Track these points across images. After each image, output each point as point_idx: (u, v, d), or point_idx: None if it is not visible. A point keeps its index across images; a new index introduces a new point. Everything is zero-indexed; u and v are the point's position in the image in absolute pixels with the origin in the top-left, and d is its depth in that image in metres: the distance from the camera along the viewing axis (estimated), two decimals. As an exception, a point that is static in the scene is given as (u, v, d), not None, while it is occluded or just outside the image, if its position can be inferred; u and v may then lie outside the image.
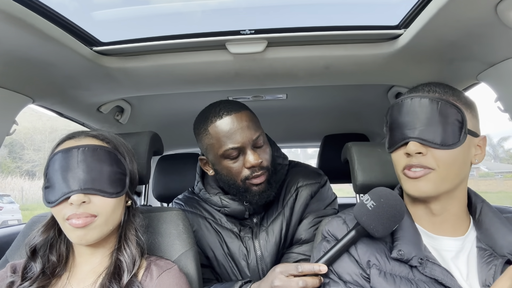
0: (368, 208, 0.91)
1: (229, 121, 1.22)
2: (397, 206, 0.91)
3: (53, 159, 0.94)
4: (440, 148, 0.88)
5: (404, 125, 0.93)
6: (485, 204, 0.99)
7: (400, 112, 0.94)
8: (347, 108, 2.17)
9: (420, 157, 0.89)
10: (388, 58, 1.31)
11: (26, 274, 0.96)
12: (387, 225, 0.90)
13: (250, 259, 1.34)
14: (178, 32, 1.25)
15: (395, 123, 0.95)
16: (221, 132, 1.22)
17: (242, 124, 1.22)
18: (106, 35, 1.25)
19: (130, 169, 1.02)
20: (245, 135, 1.21)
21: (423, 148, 0.89)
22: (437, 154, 0.89)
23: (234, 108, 1.25)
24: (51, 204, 0.91)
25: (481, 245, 0.92)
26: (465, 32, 1.07)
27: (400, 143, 0.93)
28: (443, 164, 0.88)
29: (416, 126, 0.90)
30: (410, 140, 0.90)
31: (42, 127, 28.30)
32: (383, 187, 0.95)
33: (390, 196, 0.92)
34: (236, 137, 1.21)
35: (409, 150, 0.89)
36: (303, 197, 1.39)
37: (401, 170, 0.93)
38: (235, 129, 1.21)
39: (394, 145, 0.95)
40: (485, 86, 1.31)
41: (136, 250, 0.99)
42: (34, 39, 1.03)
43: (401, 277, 0.89)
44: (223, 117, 1.22)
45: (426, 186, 0.89)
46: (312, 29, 1.22)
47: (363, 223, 0.91)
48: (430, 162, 0.89)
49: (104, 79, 1.42)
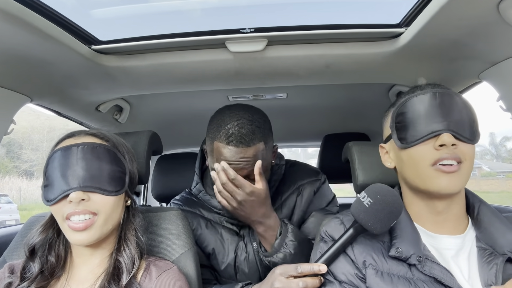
0: (365, 205, 0.91)
1: (233, 152, 1.19)
2: (395, 202, 0.91)
3: (52, 157, 0.94)
4: (468, 142, 0.89)
5: (431, 117, 0.91)
6: (482, 203, 0.99)
7: (425, 105, 0.92)
8: (348, 107, 2.17)
9: (454, 149, 0.88)
10: (389, 57, 1.32)
11: (24, 274, 0.96)
12: (385, 221, 0.90)
13: (248, 253, 1.35)
14: (177, 31, 1.25)
15: (418, 116, 0.92)
16: (221, 154, 1.20)
17: (243, 160, 1.19)
18: (105, 33, 1.25)
19: (130, 168, 1.02)
20: (241, 171, 1.20)
21: (456, 140, 0.88)
22: (464, 148, 0.89)
23: (245, 140, 1.18)
24: (50, 202, 0.91)
25: (481, 245, 0.93)
26: (467, 30, 1.07)
27: (429, 135, 0.90)
28: (469, 159, 0.89)
29: (446, 119, 0.90)
30: (443, 132, 0.88)
31: (40, 127, 28.33)
32: (380, 184, 0.95)
33: (387, 192, 0.92)
34: (232, 166, 1.19)
35: (445, 141, 0.87)
36: (306, 194, 1.42)
37: (429, 164, 0.89)
38: (234, 162, 1.19)
39: (417, 138, 0.91)
40: (487, 85, 1.31)
41: (135, 250, 0.99)
42: (32, 38, 1.03)
43: (399, 276, 0.89)
44: (229, 145, 1.18)
45: (459, 182, 0.88)
46: (313, 27, 1.22)
47: (361, 221, 0.92)
48: (462, 155, 0.88)
49: (103, 78, 1.42)
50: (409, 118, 0.94)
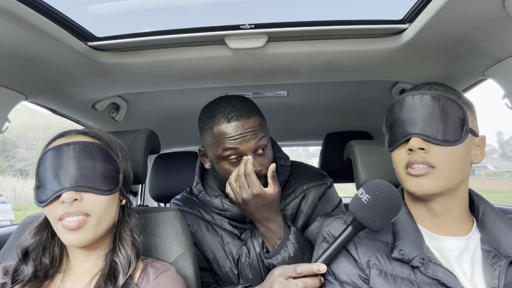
0: (363, 202, 0.92)
1: (236, 126, 1.22)
2: (393, 197, 0.91)
3: (43, 158, 0.94)
4: (442, 144, 0.89)
5: (405, 122, 0.93)
6: (487, 205, 1.00)
7: (402, 110, 0.95)
8: (350, 105, 2.17)
9: (423, 153, 0.90)
10: (392, 54, 1.31)
11: (17, 277, 0.96)
12: (384, 217, 0.91)
13: (251, 257, 1.35)
14: (176, 27, 1.25)
15: (396, 121, 0.96)
16: (225, 135, 1.23)
17: (248, 131, 1.22)
18: (101, 29, 1.25)
19: (124, 167, 1.02)
20: (249, 142, 1.22)
21: (425, 144, 0.90)
22: (439, 151, 0.90)
23: (244, 113, 1.24)
24: (42, 203, 0.91)
25: (485, 247, 0.93)
26: (472, 26, 1.07)
27: (402, 140, 0.93)
28: (445, 161, 0.89)
29: (418, 123, 0.91)
30: (412, 136, 0.91)
31: (35, 125, 28.34)
32: (378, 179, 0.95)
33: (385, 188, 0.92)
34: (238, 144, 1.22)
35: (412, 146, 0.90)
36: (311, 199, 1.41)
37: (402, 168, 0.94)
38: (239, 135, 1.22)
39: (395, 143, 0.96)
40: (492, 83, 1.31)
41: (131, 251, 0.99)
42: (27, 34, 1.03)
43: (402, 278, 0.89)
44: (230, 121, 1.23)
45: (429, 184, 0.90)
46: (314, 23, 1.22)
47: (359, 218, 0.92)
48: (432, 159, 0.89)
49: (99, 75, 1.42)
50: (391, 122, 0.99)
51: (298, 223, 1.39)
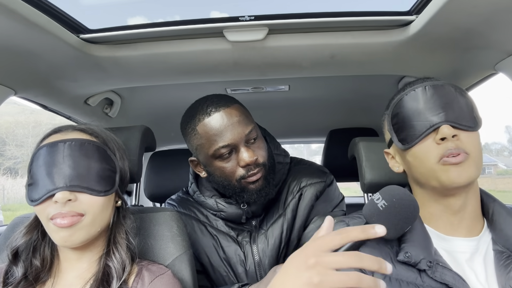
0: (379, 208, 0.91)
1: (219, 118, 1.22)
2: (411, 207, 0.90)
3: (37, 154, 0.94)
4: (468, 129, 0.90)
5: (426, 112, 0.93)
6: (497, 203, 0.99)
7: (418, 101, 0.95)
8: (354, 100, 2.17)
9: (456, 140, 0.89)
10: (399, 47, 1.31)
11: (7, 279, 0.96)
12: (399, 226, 0.90)
13: (248, 265, 1.33)
14: (172, 18, 1.25)
15: (412, 114, 0.95)
16: (210, 130, 1.22)
17: (232, 120, 1.22)
18: (94, 21, 1.25)
19: (121, 167, 1.02)
20: (237, 131, 1.21)
21: (456, 131, 0.90)
22: (467, 137, 0.90)
23: (222, 103, 1.25)
24: (34, 202, 0.91)
25: (497, 247, 0.93)
26: (481, 18, 1.07)
27: (429, 130, 0.92)
28: (474, 147, 0.90)
29: (441, 111, 0.92)
30: (441, 124, 0.90)
31: (25, 121, 28.29)
32: (396, 186, 0.94)
33: (403, 196, 0.91)
34: (227, 135, 1.21)
35: (445, 134, 0.88)
36: (308, 198, 1.38)
37: (435, 161, 0.91)
38: (225, 126, 1.21)
39: (417, 136, 0.93)
40: (503, 77, 1.31)
41: (126, 255, 0.98)
42: (16, 26, 1.03)
43: (408, 282, 0.89)
44: (211, 114, 1.22)
45: (469, 171, 0.89)
46: (317, 15, 1.22)
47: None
48: (465, 146, 0.89)
49: (92, 69, 1.42)
50: (404, 117, 0.97)
51: (296, 226, 1.36)
